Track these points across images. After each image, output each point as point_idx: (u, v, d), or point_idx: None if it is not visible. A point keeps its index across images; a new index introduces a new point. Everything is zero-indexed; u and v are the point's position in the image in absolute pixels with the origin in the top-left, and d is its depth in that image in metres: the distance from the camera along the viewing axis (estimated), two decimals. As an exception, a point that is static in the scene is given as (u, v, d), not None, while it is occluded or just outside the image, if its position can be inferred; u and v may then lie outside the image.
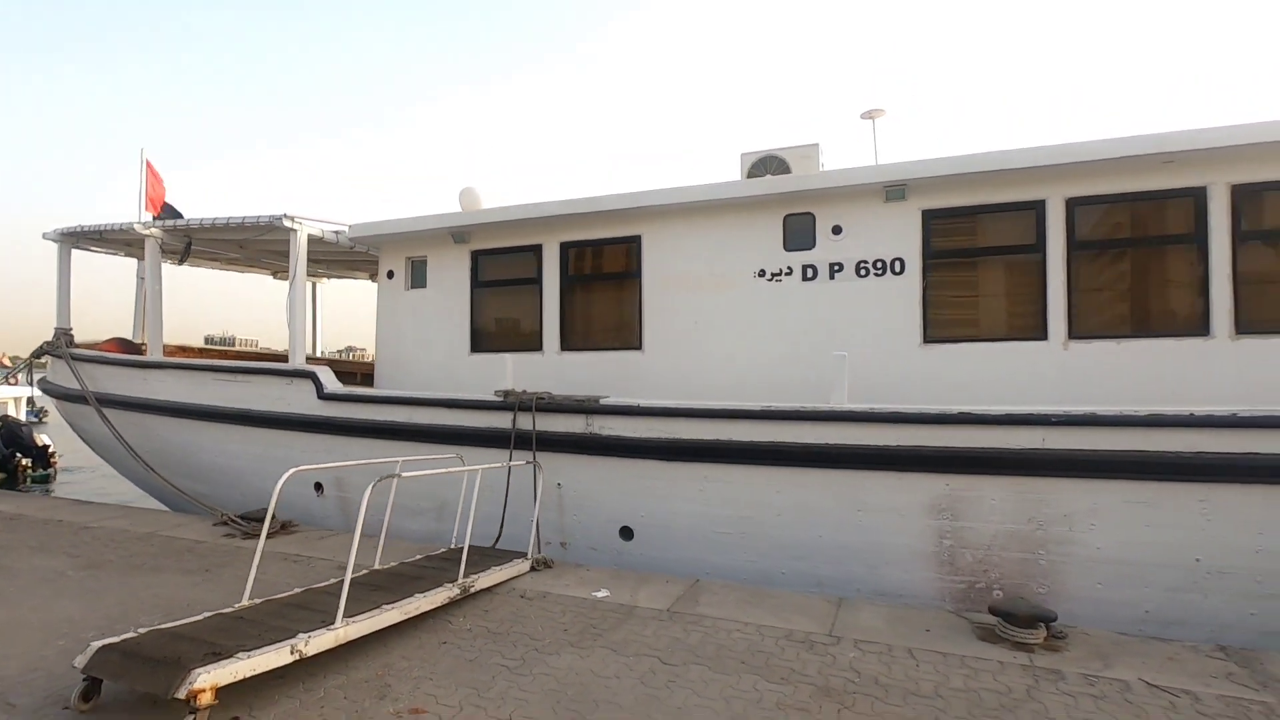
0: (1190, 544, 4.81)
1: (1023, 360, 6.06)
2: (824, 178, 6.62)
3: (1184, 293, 5.74)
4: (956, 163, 6.16)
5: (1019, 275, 6.16)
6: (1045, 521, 5.11)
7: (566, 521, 6.65)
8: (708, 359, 7.07)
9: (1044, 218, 6.05)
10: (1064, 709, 3.24)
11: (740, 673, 3.59)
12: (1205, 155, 5.57)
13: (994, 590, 5.28)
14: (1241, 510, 4.69)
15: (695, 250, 7.18)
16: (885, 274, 6.52)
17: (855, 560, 5.64)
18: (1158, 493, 4.86)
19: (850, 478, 5.59)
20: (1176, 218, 5.78)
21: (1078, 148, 5.87)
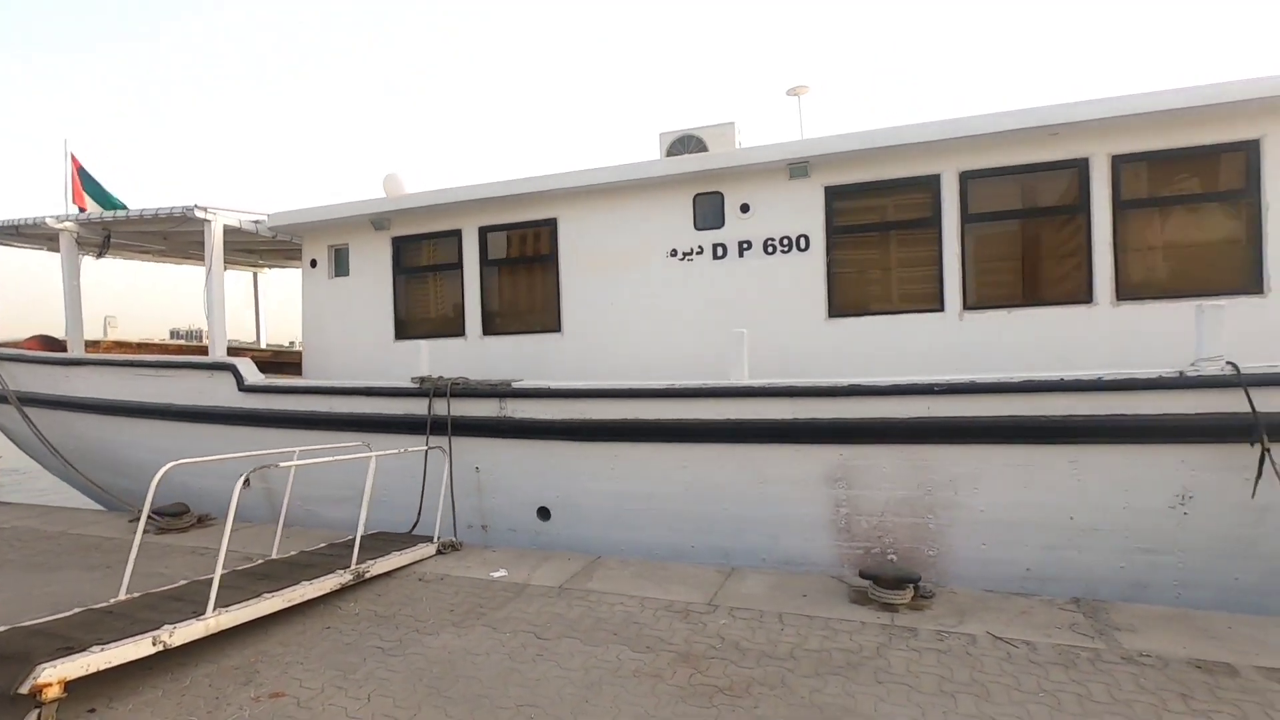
0: (1064, 503, 5.03)
1: (922, 331, 6.23)
2: (728, 157, 6.68)
3: (1069, 262, 5.93)
4: (855, 139, 6.25)
5: (917, 248, 6.30)
6: (933, 487, 5.29)
7: (485, 504, 6.73)
8: (624, 339, 7.15)
9: (939, 191, 6.18)
10: (905, 663, 3.42)
11: (609, 643, 3.71)
12: (1086, 127, 5.72)
13: (889, 554, 5.48)
14: (1109, 470, 4.91)
15: (609, 231, 7.22)
16: (791, 250, 6.63)
17: (758, 531, 5.80)
18: (1033, 455, 5.05)
19: (751, 451, 5.72)
20: (1062, 189, 5.95)
21: (968, 122, 5.99)
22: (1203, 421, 4.66)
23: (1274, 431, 4.48)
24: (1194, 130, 5.57)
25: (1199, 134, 5.57)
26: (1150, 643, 3.59)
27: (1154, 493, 4.83)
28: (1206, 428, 4.65)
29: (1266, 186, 5.43)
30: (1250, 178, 5.48)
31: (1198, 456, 4.71)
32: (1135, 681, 3.19)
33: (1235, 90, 5.34)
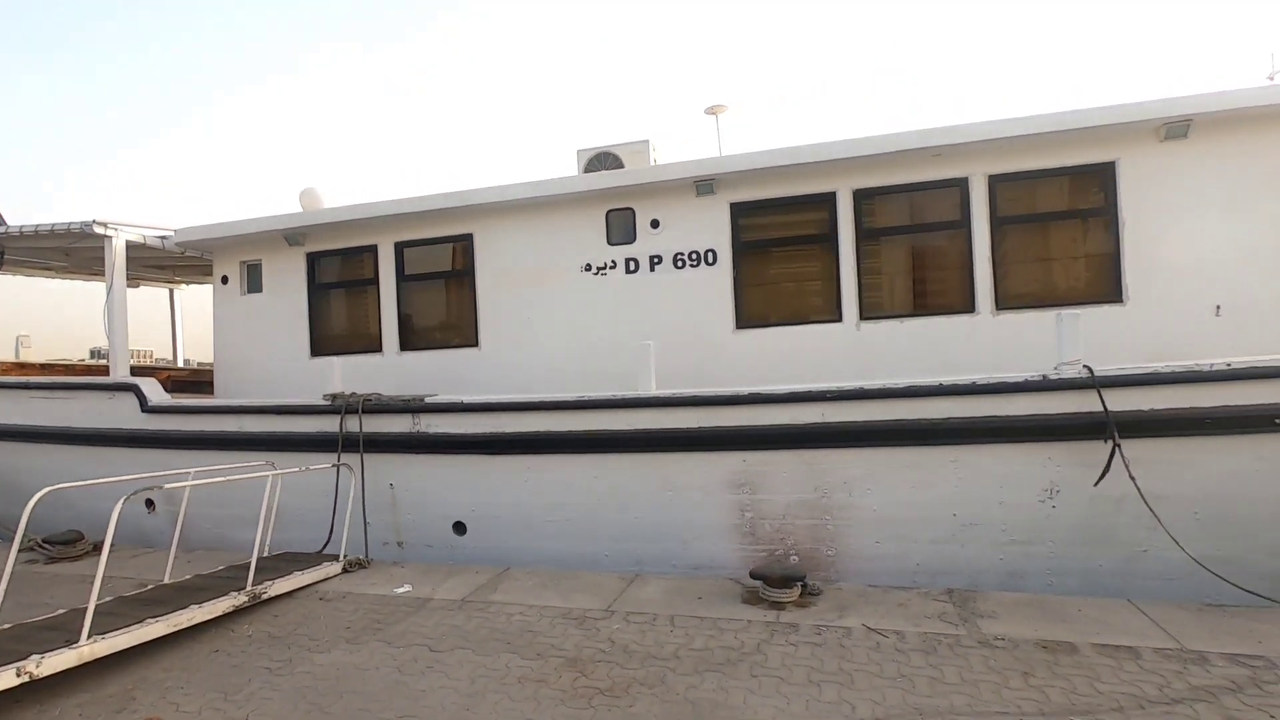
0: (947, 501, 5.35)
1: (823, 341, 6.52)
2: (636, 174, 6.88)
3: (954, 274, 6.33)
4: (756, 158, 6.54)
5: (817, 262, 6.61)
6: (829, 489, 5.55)
7: (401, 520, 6.68)
8: (541, 353, 7.24)
9: (835, 208, 6.51)
10: (781, 658, 3.60)
11: (500, 653, 3.78)
12: (966, 149, 6.14)
13: (791, 555, 5.70)
14: (986, 468, 5.25)
15: (525, 246, 7.32)
16: (700, 265, 6.85)
17: (669, 538, 5.95)
18: (919, 456, 5.36)
19: (659, 459, 5.88)
20: (946, 206, 6.35)
21: (860, 143, 6.34)
22: (1065, 421, 5.04)
23: (1124, 428, 4.90)
24: (1060, 152, 6.05)
25: (1064, 156, 6.05)
26: (1006, 627, 3.88)
27: (1025, 488, 5.19)
28: (1068, 426, 5.03)
29: (1122, 204, 5.93)
30: (1109, 196, 5.97)
31: (1062, 453, 5.09)
32: (985, 663, 3.45)
33: (1092, 116, 5.82)
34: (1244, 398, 4.73)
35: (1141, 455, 4.90)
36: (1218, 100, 5.61)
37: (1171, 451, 4.91)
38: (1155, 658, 3.45)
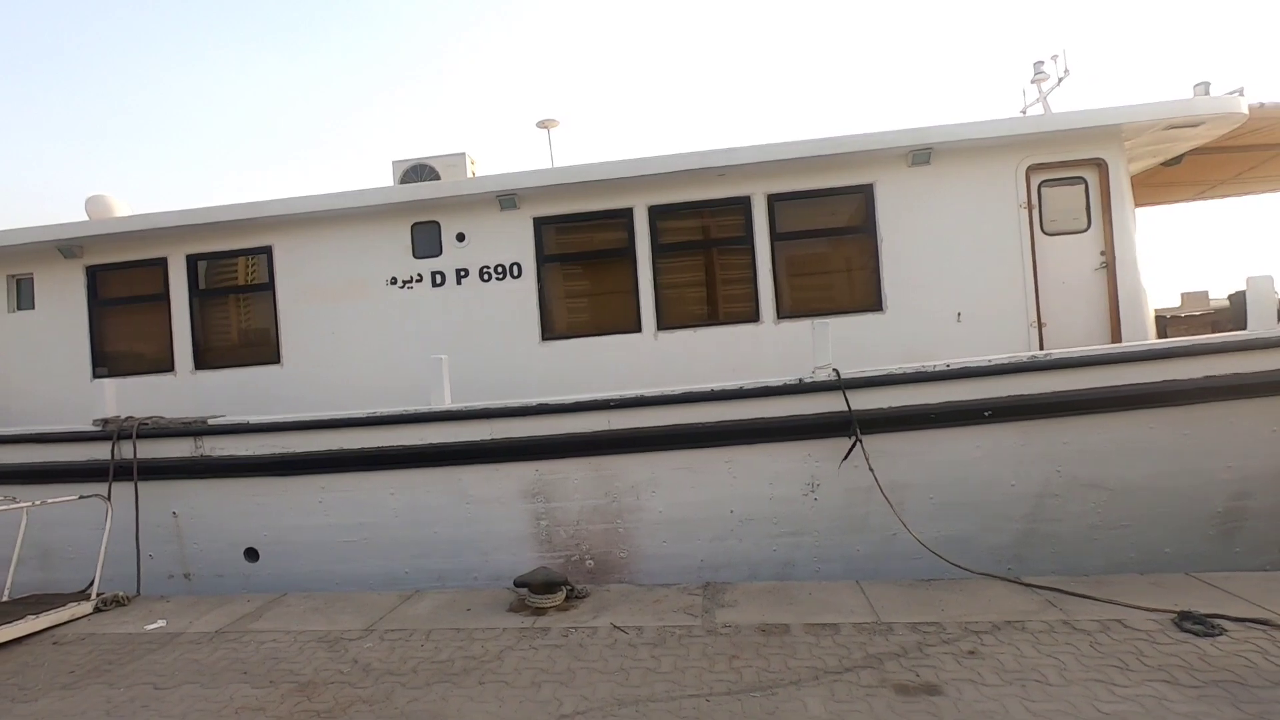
0: (725, 499, 5.70)
1: (624, 351, 6.77)
2: (436, 187, 6.88)
3: (741, 287, 6.76)
4: (553, 174, 6.72)
5: (617, 275, 6.87)
6: (618, 494, 5.76)
7: (187, 551, 6.28)
8: (346, 369, 7.05)
9: (633, 224, 6.79)
10: (518, 662, 3.71)
11: (230, 684, 3.65)
12: (745, 169, 6.59)
13: (587, 560, 5.87)
14: (757, 466, 5.64)
15: (328, 260, 7.12)
16: (506, 278, 6.94)
17: (469, 550, 5.95)
18: (697, 459, 5.68)
19: (455, 473, 5.88)
20: (732, 223, 6.79)
21: (651, 161, 6.67)
22: (819, 420, 5.51)
23: (870, 424, 5.43)
24: (827, 175, 6.62)
25: (831, 178, 6.63)
26: (739, 615, 4.20)
27: (791, 483, 5.62)
28: (822, 425, 5.51)
29: (880, 223, 6.57)
30: (869, 215, 6.60)
31: (820, 450, 5.55)
32: (703, 650, 3.72)
33: (851, 143, 6.43)
34: (961, 394, 5.38)
35: (886, 448, 5.45)
36: (950, 131, 6.35)
37: (908, 444, 5.48)
38: (852, 631, 3.85)
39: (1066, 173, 6.46)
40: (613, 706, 3.15)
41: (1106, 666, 3.27)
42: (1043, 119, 6.34)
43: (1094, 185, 6.43)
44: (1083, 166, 6.44)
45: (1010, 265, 6.46)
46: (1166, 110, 6.21)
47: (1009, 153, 6.44)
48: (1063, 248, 6.48)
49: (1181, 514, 5.50)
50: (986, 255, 6.48)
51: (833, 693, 3.17)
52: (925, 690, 3.14)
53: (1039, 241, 6.48)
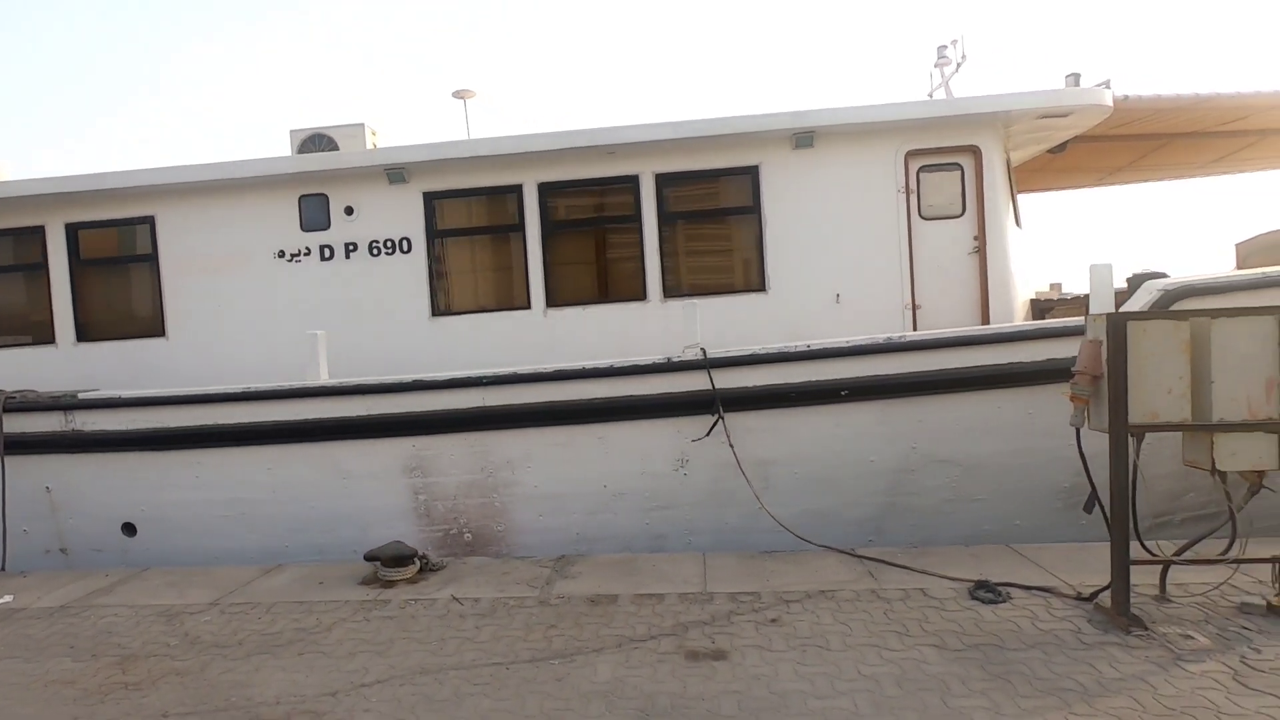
0: (598, 474, 5.84)
1: (515, 327, 6.82)
2: (322, 159, 6.78)
3: (629, 265, 6.84)
4: (443, 148, 6.66)
5: (507, 252, 6.88)
6: (493, 469, 5.86)
7: (63, 526, 6.23)
8: (233, 342, 6.98)
9: (522, 200, 6.79)
10: (344, 634, 3.82)
11: (54, 659, 3.69)
12: (634, 148, 6.62)
13: (465, 534, 5.99)
14: (628, 442, 5.77)
15: (213, 231, 6.98)
16: (395, 253, 6.89)
17: (348, 525, 6.01)
18: (570, 435, 5.79)
19: (332, 448, 5.91)
20: (622, 201, 6.83)
21: (541, 138, 6.64)
22: (688, 398, 5.65)
23: (735, 402, 5.59)
24: (715, 155, 6.69)
25: (718, 159, 6.70)
26: (577, 586, 4.36)
27: (662, 459, 5.78)
28: (691, 403, 5.65)
29: (765, 204, 6.68)
30: (754, 197, 6.70)
31: (689, 427, 5.70)
32: (526, 620, 3.87)
33: (737, 124, 6.49)
34: (820, 374, 5.56)
35: (752, 425, 5.63)
36: (832, 115, 6.45)
37: (773, 421, 5.67)
38: (675, 601, 4.03)
39: (944, 159, 6.62)
40: (413, 675, 3.28)
41: (888, 632, 3.50)
42: (920, 105, 6.48)
43: (970, 172, 6.62)
44: (959, 153, 6.61)
45: (888, 248, 6.64)
46: (1036, 100, 6.39)
47: (889, 138, 6.57)
48: (939, 232, 6.67)
49: (1030, 489, 5.80)
50: (866, 238, 6.64)
51: (627, 659, 3.34)
52: (712, 656, 3.34)
53: (917, 226, 6.67)
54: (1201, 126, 7.97)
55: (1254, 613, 3.55)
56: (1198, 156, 9.39)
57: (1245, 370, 3.46)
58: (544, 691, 3.09)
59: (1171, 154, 9.12)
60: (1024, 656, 3.21)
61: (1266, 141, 8.90)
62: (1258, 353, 3.45)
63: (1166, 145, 8.76)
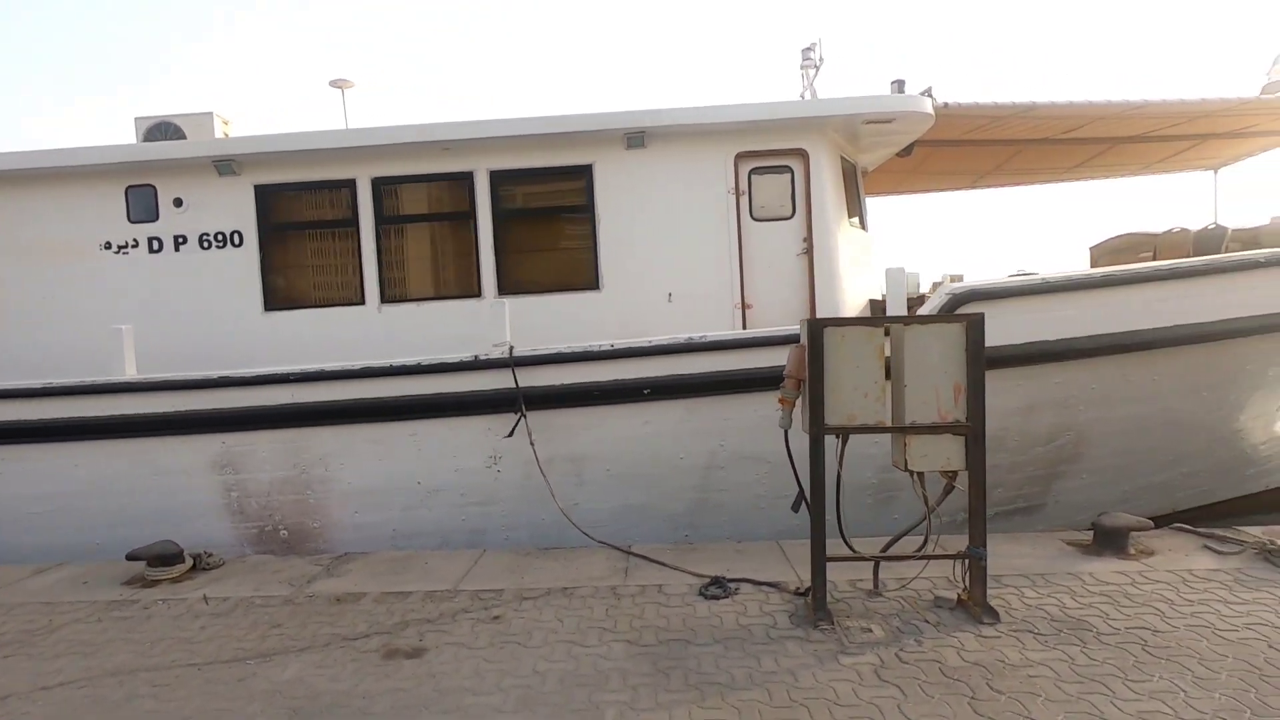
0: (412, 470, 5.86)
1: (348, 323, 6.79)
2: (146, 150, 6.65)
3: (465, 261, 6.85)
4: (270, 141, 6.57)
5: (342, 247, 6.83)
6: (307, 465, 5.85)
7: None
8: (60, 335, 6.82)
9: (356, 195, 6.74)
10: (72, 632, 3.80)
11: None
12: (469, 145, 6.61)
13: (280, 530, 5.97)
14: (441, 439, 5.80)
15: (35, 221, 6.81)
16: (226, 246, 6.80)
17: (161, 522, 5.92)
18: (384, 432, 5.80)
19: (141, 445, 5.84)
20: (456, 198, 6.83)
21: (376, 132, 6.60)
22: (496, 396, 5.70)
23: (543, 400, 5.65)
24: (549, 153, 6.71)
25: (553, 157, 6.73)
26: (336, 585, 4.39)
27: (474, 456, 5.82)
28: (500, 400, 5.70)
29: (598, 203, 6.73)
30: (588, 195, 6.75)
31: (500, 425, 5.75)
32: (255, 620, 3.88)
33: (569, 122, 6.52)
34: (624, 373, 5.65)
35: (563, 423, 5.71)
36: (662, 116, 6.52)
37: (583, 418, 5.74)
38: (417, 599, 4.09)
39: (774, 161, 6.75)
40: (102, 677, 3.28)
41: (595, 628, 3.60)
42: (748, 109, 6.56)
43: (799, 175, 6.75)
44: (788, 156, 6.73)
45: (719, 249, 6.75)
46: (858, 106, 6.53)
47: (720, 140, 6.66)
48: (770, 233, 6.80)
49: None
50: (697, 238, 6.74)
51: (323, 658, 3.39)
52: (408, 654, 3.40)
53: (748, 227, 6.78)
54: (1044, 134, 8.23)
55: (945, 606, 3.73)
56: (1058, 162, 9.71)
57: (935, 375, 3.62)
58: (216, 692, 3.12)
59: (1030, 159, 9.41)
60: (704, 651, 3.32)
61: (1116, 150, 9.25)
62: (946, 359, 3.61)
63: (1022, 151, 9.03)
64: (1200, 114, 7.58)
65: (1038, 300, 5.67)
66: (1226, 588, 3.77)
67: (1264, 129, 8.54)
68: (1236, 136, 8.81)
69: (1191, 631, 3.31)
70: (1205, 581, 3.85)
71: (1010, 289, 5.66)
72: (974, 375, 3.59)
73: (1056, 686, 2.90)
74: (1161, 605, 3.59)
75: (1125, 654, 3.14)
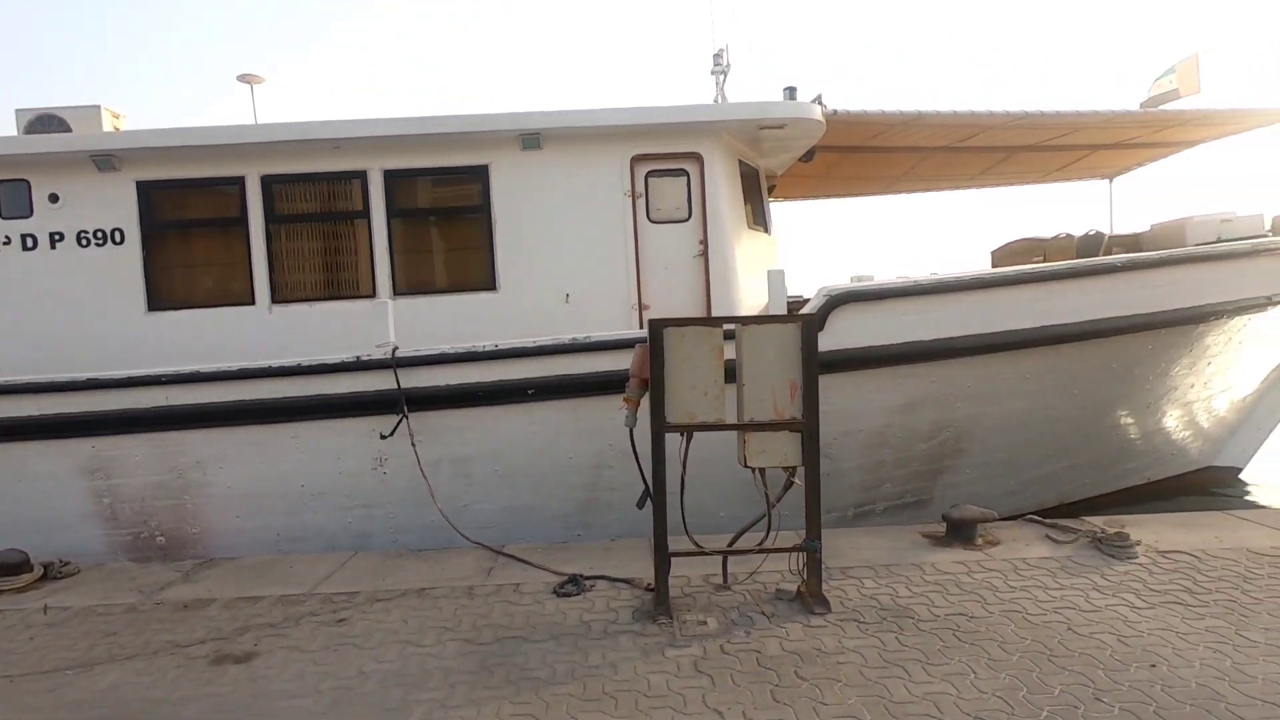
0: (295, 473, 5.75)
1: (237, 323, 6.62)
2: (15, 143, 6.39)
3: (358, 261, 6.76)
4: (156, 136, 6.39)
5: (231, 245, 6.67)
6: (183, 469, 5.69)
7: None
8: (-76, 336, 6.50)
9: (245, 192, 6.59)
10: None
11: None
12: (361, 144, 6.53)
13: (157, 537, 5.79)
14: (324, 441, 5.72)
15: (-100, 216, 6.47)
16: (106, 244, 6.57)
17: (32, 530, 5.66)
18: (263, 434, 5.68)
19: (5, 450, 5.61)
20: (349, 197, 6.74)
21: (265, 129, 6.47)
22: (380, 397, 5.64)
23: (429, 401, 5.62)
24: (444, 154, 6.67)
25: (448, 157, 6.69)
26: (187, 592, 4.30)
27: (359, 458, 5.74)
28: (382, 401, 5.65)
29: (495, 204, 6.72)
30: (484, 196, 6.74)
31: (385, 426, 5.69)
32: (89, 629, 3.78)
33: (463, 122, 6.50)
34: (508, 373, 5.66)
35: (449, 423, 5.68)
36: (556, 118, 6.55)
37: (469, 419, 5.72)
38: (268, 604, 4.03)
39: (670, 164, 6.83)
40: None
41: (437, 628, 3.60)
42: (642, 112, 6.64)
43: (695, 178, 6.85)
44: (684, 160, 6.83)
45: (616, 250, 6.80)
46: (749, 111, 6.68)
47: (616, 143, 6.72)
48: (667, 235, 6.88)
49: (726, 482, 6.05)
50: (594, 240, 6.78)
51: (148, 665, 3.31)
52: (237, 659, 3.35)
53: (645, 229, 6.85)
54: (942, 141, 8.53)
55: (784, 598, 3.84)
56: (961, 170, 10.07)
57: (772, 374, 3.73)
58: (23, 704, 3.02)
59: (935, 166, 9.72)
60: (536, 648, 3.36)
61: (1014, 158, 9.64)
62: (783, 358, 3.73)
63: (927, 158, 9.34)
64: (1080, 126, 7.96)
65: (912, 301, 5.87)
66: (1051, 575, 3.97)
67: (1143, 141, 9.02)
68: (1122, 148, 9.28)
69: (1004, 617, 3.48)
70: (1034, 569, 4.05)
71: (885, 291, 5.86)
72: (809, 374, 3.71)
73: (859, 672, 3.01)
74: (985, 593, 3.77)
75: (935, 640, 3.28)
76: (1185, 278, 6.16)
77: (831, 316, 5.75)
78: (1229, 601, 3.54)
